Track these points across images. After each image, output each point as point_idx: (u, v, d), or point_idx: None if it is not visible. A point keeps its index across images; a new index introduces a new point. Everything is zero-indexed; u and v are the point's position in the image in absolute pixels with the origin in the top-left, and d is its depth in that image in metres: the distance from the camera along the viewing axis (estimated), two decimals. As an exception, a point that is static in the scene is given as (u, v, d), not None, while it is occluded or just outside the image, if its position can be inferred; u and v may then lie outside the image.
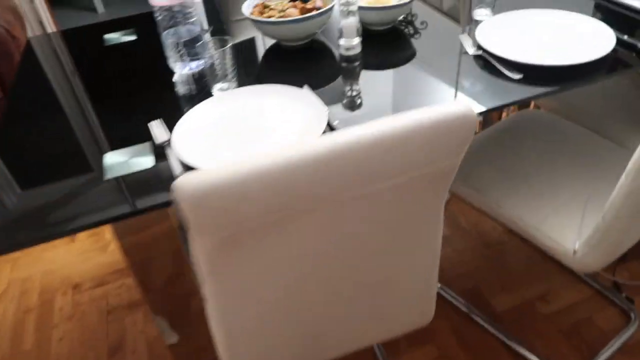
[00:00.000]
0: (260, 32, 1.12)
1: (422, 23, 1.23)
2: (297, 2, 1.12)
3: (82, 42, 1.32)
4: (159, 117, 0.93)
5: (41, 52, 1.28)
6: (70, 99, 1.04)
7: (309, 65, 1.08)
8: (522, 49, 0.99)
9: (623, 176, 0.81)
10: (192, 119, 0.88)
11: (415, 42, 1.13)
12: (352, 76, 1.04)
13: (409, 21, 1.24)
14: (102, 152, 0.87)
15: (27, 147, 0.91)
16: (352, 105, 0.95)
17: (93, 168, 0.84)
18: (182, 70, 1.06)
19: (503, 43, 1.01)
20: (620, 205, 0.83)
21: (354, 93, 0.99)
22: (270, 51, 1.16)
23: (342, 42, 1.06)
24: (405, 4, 1.11)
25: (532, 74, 0.93)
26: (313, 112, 0.86)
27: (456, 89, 0.93)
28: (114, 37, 1.29)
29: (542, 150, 1.19)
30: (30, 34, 2.51)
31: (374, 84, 1.00)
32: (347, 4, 1.01)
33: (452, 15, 1.25)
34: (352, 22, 1.04)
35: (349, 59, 1.08)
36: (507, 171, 1.14)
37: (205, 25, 1.35)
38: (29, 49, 1.29)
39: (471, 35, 1.07)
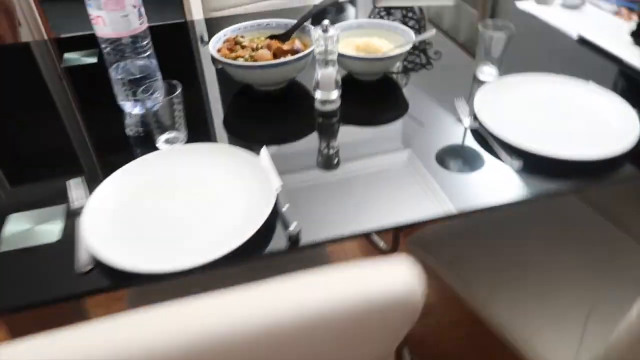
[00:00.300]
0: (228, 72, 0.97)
1: (435, 53, 1.13)
2: (273, 41, 0.97)
3: (46, 58, 1.19)
4: (101, 164, 0.81)
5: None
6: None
7: (283, 114, 0.93)
8: (526, 129, 0.83)
9: (634, 314, 0.64)
10: (117, 181, 0.73)
11: (409, 96, 0.97)
12: (328, 133, 0.89)
13: (422, 49, 1.14)
14: (13, 209, 0.73)
15: None
16: (328, 164, 0.80)
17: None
18: (132, 110, 0.92)
19: (505, 116, 0.85)
20: (627, 345, 0.66)
21: (330, 152, 0.85)
22: (241, 93, 1.00)
23: (318, 95, 0.91)
24: (398, 55, 0.95)
25: (535, 162, 0.76)
26: (262, 188, 0.71)
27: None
28: (73, 57, 1.15)
29: (543, 237, 1.02)
30: (28, 34, 2.40)
31: (352, 142, 0.85)
32: (326, 52, 0.86)
33: (468, 48, 1.17)
34: (331, 73, 0.88)
35: (325, 115, 0.92)
36: (498, 261, 0.97)
37: (206, 37, 1.27)
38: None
39: (469, 101, 0.91)
